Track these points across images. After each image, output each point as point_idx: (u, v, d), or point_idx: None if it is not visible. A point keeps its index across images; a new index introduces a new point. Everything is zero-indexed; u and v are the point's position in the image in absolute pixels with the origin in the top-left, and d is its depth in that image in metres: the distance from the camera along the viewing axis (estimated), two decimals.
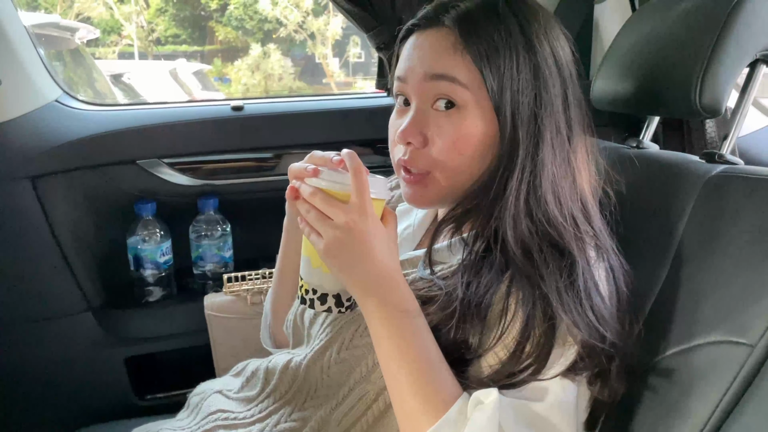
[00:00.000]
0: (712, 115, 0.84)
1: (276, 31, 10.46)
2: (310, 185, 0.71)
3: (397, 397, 0.69)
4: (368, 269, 0.69)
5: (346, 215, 0.68)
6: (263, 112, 1.50)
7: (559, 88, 0.75)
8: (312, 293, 0.76)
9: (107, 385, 1.40)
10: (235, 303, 1.32)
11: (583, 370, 0.69)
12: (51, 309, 1.36)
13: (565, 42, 0.78)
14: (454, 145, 0.75)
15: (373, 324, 0.70)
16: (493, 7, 0.75)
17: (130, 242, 1.40)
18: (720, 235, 0.75)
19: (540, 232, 0.72)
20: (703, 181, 0.81)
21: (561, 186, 0.74)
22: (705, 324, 0.70)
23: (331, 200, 0.69)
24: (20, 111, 1.32)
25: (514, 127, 0.73)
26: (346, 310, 0.77)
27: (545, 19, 0.77)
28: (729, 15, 0.83)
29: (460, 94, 0.74)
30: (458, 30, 0.75)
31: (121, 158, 1.39)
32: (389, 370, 0.70)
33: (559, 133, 0.74)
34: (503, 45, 0.73)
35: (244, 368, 0.96)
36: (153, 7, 10.68)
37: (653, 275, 0.81)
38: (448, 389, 0.68)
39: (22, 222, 1.32)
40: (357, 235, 0.68)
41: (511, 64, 0.73)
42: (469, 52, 0.74)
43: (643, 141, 1.04)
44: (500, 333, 0.69)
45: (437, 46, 0.76)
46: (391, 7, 1.36)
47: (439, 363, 0.69)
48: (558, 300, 0.67)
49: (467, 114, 0.75)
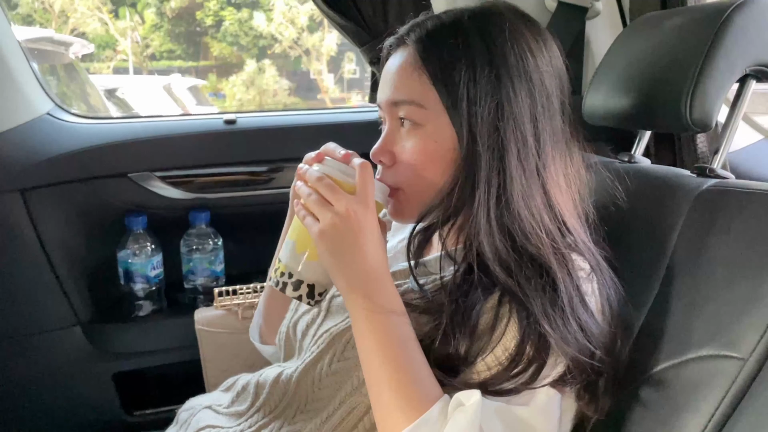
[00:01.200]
0: (702, 130, 0.85)
1: (271, 47, 10.51)
2: (317, 171, 0.72)
3: (376, 395, 0.69)
4: (358, 261, 0.69)
5: (348, 203, 0.69)
6: (256, 126, 1.50)
7: (526, 99, 0.73)
8: (287, 277, 0.75)
9: (95, 401, 1.39)
10: (226, 318, 1.31)
11: (571, 383, 0.69)
12: (39, 323, 1.35)
13: (542, 53, 0.76)
14: (417, 162, 0.76)
15: (356, 318, 0.70)
16: (458, 21, 0.76)
17: (120, 256, 1.39)
18: (711, 248, 0.75)
19: (518, 248, 0.71)
20: (694, 195, 0.81)
21: (534, 199, 0.73)
22: (697, 338, 0.70)
23: (337, 187, 0.70)
24: (11, 124, 1.32)
25: (473, 139, 0.72)
26: (314, 304, 0.77)
27: (515, 29, 0.75)
28: (718, 31, 0.83)
29: (419, 114, 0.76)
30: (418, 49, 0.76)
31: (113, 171, 1.38)
32: (370, 366, 0.69)
33: (525, 146, 0.73)
34: (460, 58, 0.73)
35: (234, 383, 0.95)
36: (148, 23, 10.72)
37: (645, 289, 0.80)
38: (429, 390, 0.67)
39: (11, 235, 1.31)
40: (355, 225, 0.68)
41: (468, 76, 0.72)
42: (426, 70, 0.74)
43: (634, 155, 1.04)
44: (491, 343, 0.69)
45: (400, 69, 0.78)
46: (384, 22, 1.37)
47: (421, 364, 0.69)
48: (544, 317, 0.67)
49: (427, 131, 0.76)
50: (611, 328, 0.72)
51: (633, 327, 0.79)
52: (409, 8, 1.35)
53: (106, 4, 10.25)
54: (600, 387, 0.71)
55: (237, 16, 10.37)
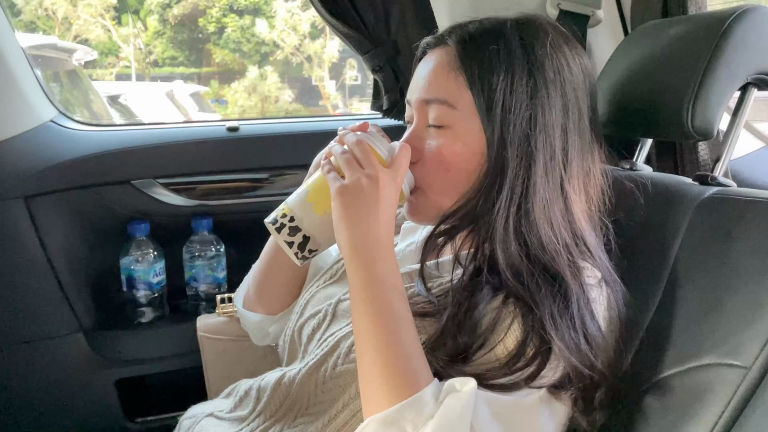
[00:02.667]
0: (704, 138, 0.85)
1: (273, 53, 10.54)
2: (358, 135, 0.74)
3: (366, 369, 0.68)
4: (371, 226, 0.70)
5: (379, 172, 0.71)
6: (258, 133, 1.51)
7: (560, 113, 0.74)
8: (288, 219, 0.76)
9: (97, 407, 1.39)
10: (228, 324, 1.31)
11: (567, 389, 0.69)
12: (42, 329, 1.34)
13: (579, 70, 0.77)
14: (442, 162, 0.77)
15: (355, 285, 0.70)
16: (500, 26, 0.77)
17: (123, 262, 1.39)
18: (713, 256, 0.75)
19: (532, 257, 0.71)
20: (696, 203, 0.81)
21: (553, 211, 0.73)
22: (699, 346, 0.70)
23: (372, 154, 0.73)
24: (15, 131, 1.32)
25: (503, 145, 0.73)
26: (301, 259, 0.77)
27: (555, 43, 0.76)
28: (720, 39, 0.83)
29: (450, 115, 0.76)
30: (458, 49, 0.77)
31: (116, 178, 1.39)
32: (362, 337, 0.69)
33: (553, 158, 0.74)
34: (500, 64, 0.74)
35: (235, 388, 0.95)
36: (151, 30, 10.76)
37: (647, 298, 0.80)
38: (421, 371, 0.67)
39: (14, 241, 1.31)
40: (377, 191, 0.70)
41: (506, 83, 0.73)
42: (463, 71, 0.75)
43: (636, 163, 1.04)
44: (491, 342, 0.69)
45: (436, 68, 0.78)
46: (386, 30, 1.38)
47: (414, 345, 0.68)
48: (551, 323, 0.66)
49: (456, 133, 0.76)
50: (617, 341, 0.72)
51: (636, 335, 0.79)
52: (411, 17, 1.36)
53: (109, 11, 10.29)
54: (596, 399, 0.71)
55: (239, 22, 10.41)
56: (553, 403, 0.69)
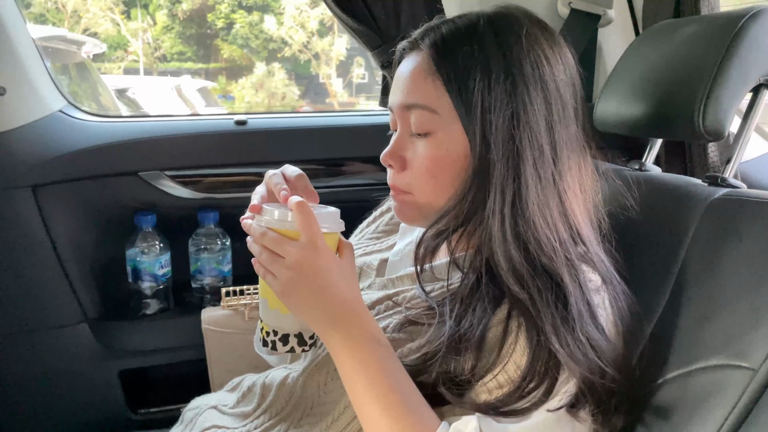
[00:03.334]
0: (714, 139, 0.84)
1: (281, 50, 10.54)
2: (260, 226, 0.71)
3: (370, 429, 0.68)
4: (327, 304, 0.69)
5: (296, 253, 0.68)
6: (266, 127, 1.51)
7: (542, 107, 0.73)
8: (273, 335, 0.75)
9: (101, 398, 1.39)
10: (232, 317, 1.31)
11: (584, 405, 0.67)
12: (47, 319, 1.35)
13: (558, 60, 0.76)
14: (429, 168, 0.76)
15: (339, 359, 0.70)
16: (473, 26, 0.75)
17: (128, 254, 1.39)
18: (722, 258, 0.75)
19: (531, 259, 0.70)
20: (705, 204, 0.81)
21: (549, 208, 0.72)
22: (707, 347, 0.69)
23: (281, 239, 0.69)
24: (24, 120, 1.33)
25: (486, 146, 0.72)
26: (309, 347, 0.77)
27: (531, 36, 0.74)
28: (732, 40, 0.83)
29: (432, 120, 0.75)
30: (432, 53, 0.75)
31: (123, 170, 1.39)
32: (360, 405, 0.69)
33: (542, 155, 0.72)
34: (475, 64, 0.72)
35: (239, 383, 0.95)
36: (160, 25, 10.78)
37: (655, 298, 0.80)
38: (426, 421, 0.67)
39: (21, 230, 1.31)
40: (310, 271, 0.68)
41: (483, 83, 0.71)
42: (440, 75, 0.74)
43: (645, 164, 1.04)
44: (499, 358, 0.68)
45: (413, 73, 0.77)
46: (396, 25, 1.38)
47: (412, 395, 0.68)
48: (553, 333, 0.65)
49: (439, 138, 0.75)
50: (623, 344, 0.71)
51: (643, 336, 0.78)
52: (422, 12, 1.36)
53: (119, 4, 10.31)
54: (612, 406, 0.69)
55: (248, 18, 10.42)
56: (574, 425, 0.67)
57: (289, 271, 0.68)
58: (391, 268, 0.92)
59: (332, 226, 0.73)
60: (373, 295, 0.84)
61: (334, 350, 0.70)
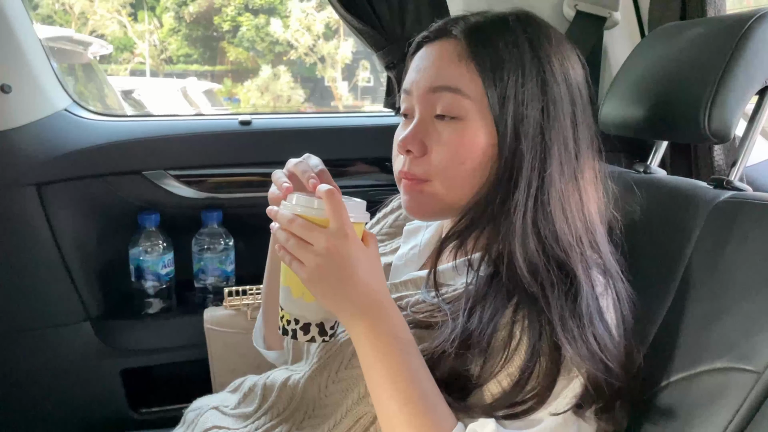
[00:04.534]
0: (720, 141, 0.84)
1: (286, 53, 10.57)
2: (287, 212, 0.70)
3: (388, 428, 0.68)
4: (354, 294, 0.68)
5: (326, 240, 0.66)
6: (271, 127, 1.51)
7: (568, 105, 0.75)
8: (294, 323, 0.75)
9: (103, 397, 1.39)
10: (234, 317, 1.31)
11: (589, 404, 0.67)
12: (49, 317, 1.35)
13: (577, 63, 0.78)
14: (455, 154, 0.75)
15: (363, 350, 0.69)
16: (504, 21, 0.76)
17: (132, 253, 1.39)
18: (727, 260, 0.74)
19: (548, 251, 0.70)
20: (710, 206, 0.80)
21: (569, 203, 0.73)
22: (711, 350, 0.69)
23: (311, 225, 0.68)
24: (29, 118, 1.33)
25: (517, 139, 0.72)
26: (330, 338, 0.76)
27: (556, 38, 0.77)
28: (739, 42, 0.83)
29: (463, 104, 0.74)
30: (466, 40, 0.75)
31: (127, 169, 1.39)
32: (380, 398, 0.68)
33: (567, 150, 0.74)
34: (510, 56, 0.73)
35: (241, 384, 0.94)
36: (166, 27, 10.82)
37: (659, 300, 0.80)
38: (442, 421, 0.66)
39: (25, 228, 1.32)
40: (339, 259, 0.66)
41: (516, 75, 0.73)
42: (475, 61, 0.74)
43: (650, 166, 1.04)
44: (504, 361, 0.67)
45: (443, 57, 0.77)
46: (401, 26, 1.38)
47: (432, 393, 0.67)
48: (561, 328, 0.65)
49: (469, 124, 0.74)
50: (627, 343, 0.71)
51: (647, 338, 0.78)
52: (427, 13, 1.36)
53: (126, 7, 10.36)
54: (617, 404, 0.69)
55: (254, 21, 10.45)
56: (580, 424, 0.67)
57: (317, 258, 0.66)
58: (395, 273, 0.91)
59: (359, 216, 0.72)
60: None
61: (358, 340, 0.69)
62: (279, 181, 0.77)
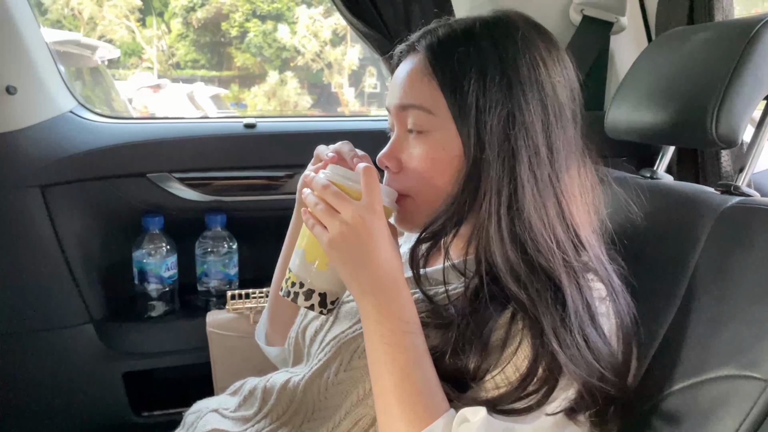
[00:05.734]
0: (728, 146, 0.84)
1: (294, 59, 10.61)
2: (323, 178, 0.72)
3: (382, 405, 0.68)
4: (371, 268, 0.69)
5: (355, 210, 0.68)
6: (275, 131, 1.51)
7: (539, 109, 0.72)
8: (299, 286, 0.75)
9: (104, 400, 1.39)
10: (237, 321, 1.31)
11: (582, 410, 0.66)
12: (52, 319, 1.35)
13: (555, 63, 0.75)
14: (425, 169, 0.76)
15: (368, 325, 0.70)
16: (469, 29, 0.75)
17: (135, 255, 1.39)
18: (734, 267, 0.73)
19: (529, 260, 0.69)
20: (718, 212, 0.79)
21: (546, 208, 0.71)
22: (717, 357, 0.68)
23: (343, 195, 0.70)
24: (34, 120, 1.34)
25: (481, 147, 0.71)
26: (328, 312, 0.77)
27: (527, 39, 0.74)
28: (747, 46, 0.82)
29: (427, 121, 0.75)
30: (428, 55, 0.75)
31: (132, 171, 1.39)
32: (378, 374, 0.69)
33: (538, 155, 0.72)
34: (471, 65, 0.72)
35: (241, 387, 0.94)
36: (174, 32, 10.88)
37: (665, 306, 0.79)
38: (436, 403, 0.67)
39: (29, 230, 1.32)
40: (364, 231, 0.68)
41: (479, 84, 0.71)
42: (435, 76, 0.74)
43: (657, 171, 1.03)
44: (501, 362, 0.68)
45: (410, 74, 0.77)
46: (406, 31, 1.37)
47: (430, 377, 0.68)
48: (553, 335, 0.65)
49: (434, 138, 0.75)
50: (624, 352, 0.70)
51: (651, 345, 0.77)
52: (432, 17, 1.35)
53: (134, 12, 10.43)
54: (609, 411, 0.68)
55: (261, 27, 10.50)
56: (572, 428, 0.67)
57: (343, 226, 0.68)
58: None
59: (389, 203, 0.74)
60: None
61: (366, 315, 0.70)
62: (324, 152, 0.80)
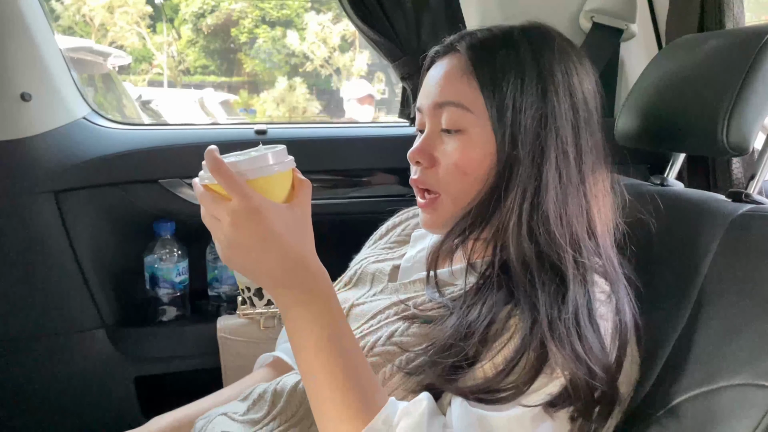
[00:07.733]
0: (739, 153, 0.83)
1: (303, 65, 10.65)
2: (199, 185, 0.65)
3: (317, 401, 0.66)
4: (271, 267, 0.64)
5: (229, 213, 0.61)
6: (286, 137, 1.51)
7: (570, 113, 0.76)
8: (247, 291, 0.75)
9: (116, 404, 1.39)
10: (247, 326, 1.31)
11: (564, 405, 0.65)
12: (64, 323, 1.36)
13: (585, 75, 0.80)
14: (457, 166, 0.78)
15: (287, 313, 0.66)
16: (509, 35, 0.79)
17: (147, 261, 1.40)
18: (745, 274, 0.73)
19: (541, 253, 0.72)
20: (729, 220, 0.79)
21: (567, 206, 0.74)
22: (729, 366, 0.68)
23: (216, 199, 0.63)
24: (48, 126, 1.35)
25: (513, 144, 0.75)
26: None
27: (562, 48, 0.79)
28: (758, 53, 0.82)
29: (464, 118, 0.78)
30: (469, 55, 0.79)
31: (144, 177, 1.40)
32: (307, 365, 0.66)
33: (566, 156, 0.75)
34: (510, 68, 0.76)
35: (251, 392, 0.94)
36: (184, 39, 10.96)
37: (676, 314, 0.79)
38: (374, 394, 0.66)
39: (42, 235, 1.33)
40: (244, 231, 0.61)
41: (516, 85, 0.75)
42: (476, 75, 0.77)
43: (667, 179, 1.03)
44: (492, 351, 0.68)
45: (449, 73, 0.80)
46: (416, 38, 1.38)
47: (360, 365, 0.66)
48: (548, 326, 0.66)
49: (471, 136, 0.78)
50: (617, 354, 0.70)
51: (659, 354, 0.77)
52: (442, 24, 1.36)
53: (145, 19, 10.51)
54: (594, 411, 0.68)
55: (271, 34, 10.56)
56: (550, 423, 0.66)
57: (226, 239, 0.62)
58: (403, 274, 0.93)
59: (282, 166, 0.66)
60: (385, 300, 0.85)
61: (282, 306, 0.67)
62: None
